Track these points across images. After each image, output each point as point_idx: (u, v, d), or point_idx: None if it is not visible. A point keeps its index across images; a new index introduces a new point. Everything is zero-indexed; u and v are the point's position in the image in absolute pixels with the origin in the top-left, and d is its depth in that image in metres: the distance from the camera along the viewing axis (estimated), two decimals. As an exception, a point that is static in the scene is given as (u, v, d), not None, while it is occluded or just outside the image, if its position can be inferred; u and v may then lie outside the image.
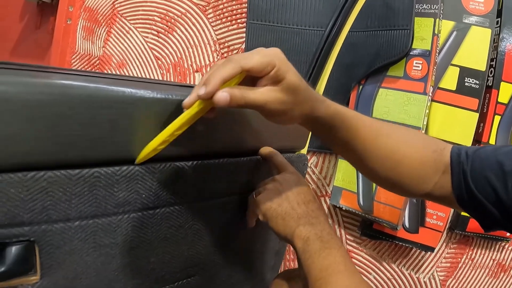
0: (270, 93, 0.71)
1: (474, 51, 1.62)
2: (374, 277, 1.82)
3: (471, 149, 0.87)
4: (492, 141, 1.65)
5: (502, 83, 1.63)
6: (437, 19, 1.54)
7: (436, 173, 0.90)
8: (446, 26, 1.62)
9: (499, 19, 1.61)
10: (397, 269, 1.80)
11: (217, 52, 2.01)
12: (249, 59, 0.68)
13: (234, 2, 1.96)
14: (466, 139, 1.56)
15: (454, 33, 1.62)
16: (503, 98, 1.63)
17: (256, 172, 1.01)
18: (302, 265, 0.83)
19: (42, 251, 0.66)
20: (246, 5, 1.87)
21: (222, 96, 0.66)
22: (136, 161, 0.74)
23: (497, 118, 1.65)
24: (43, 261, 0.66)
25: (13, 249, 0.63)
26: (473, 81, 1.59)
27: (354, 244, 1.86)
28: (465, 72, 1.60)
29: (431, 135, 1.58)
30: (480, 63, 1.60)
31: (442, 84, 1.58)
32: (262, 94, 0.70)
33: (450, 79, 1.60)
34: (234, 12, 1.97)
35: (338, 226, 1.85)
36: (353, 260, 1.82)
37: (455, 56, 1.61)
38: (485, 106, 1.64)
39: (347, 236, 1.86)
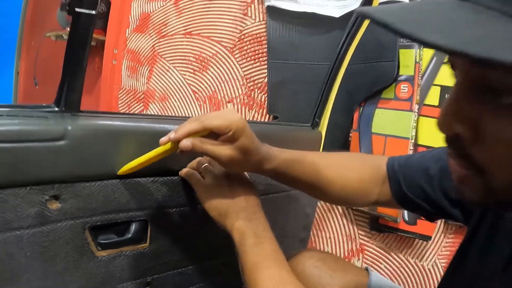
0: (224, 149, 0.88)
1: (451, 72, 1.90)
2: (385, 267, 2.08)
3: (402, 158, 1.02)
4: None
5: None
6: (418, 50, 1.87)
7: (376, 185, 1.06)
8: (428, 52, 1.91)
9: None
10: (404, 259, 2.03)
11: (244, 86, 2.38)
12: (211, 121, 0.86)
13: (256, 44, 2.32)
14: (450, 145, 1.88)
15: (435, 58, 1.91)
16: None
17: None
18: (239, 256, 0.93)
19: (152, 227, 1.04)
20: (266, 46, 2.23)
21: (186, 143, 0.85)
22: (118, 173, 0.94)
23: None
24: (152, 234, 1.04)
25: (135, 225, 1.01)
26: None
27: (365, 238, 2.15)
28: (445, 89, 1.89)
29: (420, 143, 1.89)
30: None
31: (426, 101, 1.88)
32: (218, 149, 0.88)
33: (433, 97, 1.88)
34: (257, 52, 2.33)
35: (351, 223, 2.16)
36: (366, 252, 2.11)
37: (436, 77, 1.91)
38: None
39: (359, 231, 2.15)
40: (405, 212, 1.92)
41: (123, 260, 1.00)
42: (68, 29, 2.49)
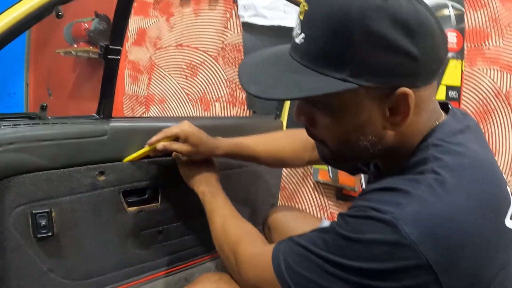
0: (183, 146, 1.30)
1: (453, 74, 2.20)
2: None
3: None
4: None
5: None
6: None
7: (306, 152, 1.48)
8: None
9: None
10: None
11: (228, 87, 2.84)
12: (170, 131, 1.29)
13: (235, 52, 2.77)
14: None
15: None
16: None
17: None
18: (204, 206, 1.30)
19: (162, 192, 1.48)
20: (243, 54, 2.68)
21: (159, 146, 1.28)
22: (123, 161, 1.34)
23: None
24: (162, 196, 1.48)
25: (148, 191, 1.45)
26: (454, 92, 2.21)
27: (334, 207, 2.54)
28: (449, 88, 2.21)
29: None
30: (456, 81, 2.20)
31: (438, 97, 2.11)
32: (179, 146, 1.30)
33: (440, 93, 2.18)
34: (236, 58, 2.78)
35: (321, 195, 2.58)
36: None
37: (442, 78, 2.23)
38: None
39: (328, 202, 2.56)
40: (363, 182, 2.26)
41: (143, 214, 1.43)
42: (75, 45, 2.90)
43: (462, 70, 2.18)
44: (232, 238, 1.13)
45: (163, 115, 3.25)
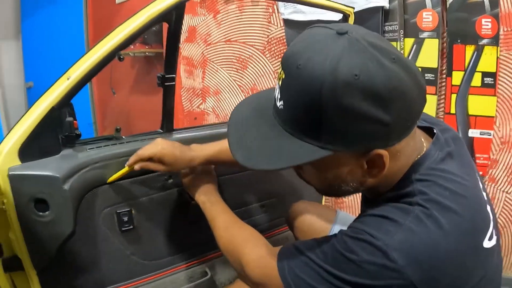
0: (158, 166, 1.37)
1: (429, 54, 2.28)
2: None
3: None
4: (453, 111, 2.30)
5: (453, 72, 2.28)
6: (398, 41, 2.32)
7: None
8: (409, 42, 2.31)
9: (446, 28, 2.27)
10: None
11: (276, 78, 2.87)
12: (143, 154, 1.35)
13: (280, 45, 2.96)
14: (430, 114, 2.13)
15: (415, 45, 2.32)
16: (455, 81, 2.29)
17: None
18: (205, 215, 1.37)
19: (220, 186, 1.67)
20: (287, 47, 2.84)
21: (136, 166, 1.37)
22: (107, 181, 1.43)
23: (454, 96, 2.30)
24: (220, 189, 1.66)
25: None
26: (430, 75, 2.30)
27: None
28: (424, 70, 2.29)
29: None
30: (433, 62, 2.28)
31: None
32: (154, 165, 1.37)
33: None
34: (282, 51, 2.94)
35: None
36: None
37: (417, 60, 2.31)
38: (443, 89, 2.35)
39: None
40: None
41: None
42: (132, 47, 3.15)
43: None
44: (237, 242, 1.21)
45: (219, 106, 3.49)
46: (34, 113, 1.28)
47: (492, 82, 2.22)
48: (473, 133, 2.32)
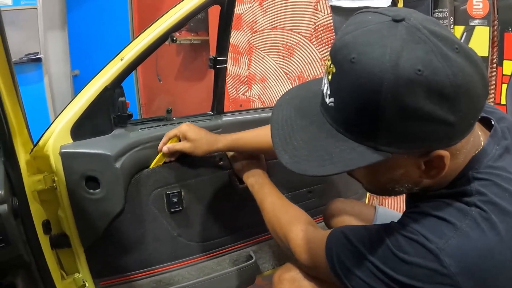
0: (183, 144, 1.41)
1: (479, 43, 2.20)
2: None
3: None
4: (503, 101, 2.22)
5: (504, 61, 2.19)
6: (449, 29, 2.24)
7: None
8: (459, 29, 2.28)
9: (497, 16, 2.18)
10: None
11: (323, 66, 2.98)
12: (169, 133, 1.42)
13: (327, 32, 2.93)
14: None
15: (465, 33, 2.26)
16: (506, 71, 2.19)
17: None
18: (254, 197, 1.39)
19: (269, 170, 1.65)
20: (335, 34, 2.83)
21: (165, 149, 1.41)
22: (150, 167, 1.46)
23: (504, 86, 2.20)
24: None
25: None
26: None
27: None
28: None
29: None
30: (483, 51, 2.19)
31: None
32: (181, 144, 1.41)
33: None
34: (329, 38, 2.92)
35: None
36: None
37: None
38: (493, 79, 2.25)
39: None
40: None
41: None
42: (178, 34, 3.18)
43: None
44: (285, 223, 1.20)
45: (264, 93, 3.48)
46: (88, 93, 1.31)
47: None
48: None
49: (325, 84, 0.79)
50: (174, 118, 1.55)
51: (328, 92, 0.77)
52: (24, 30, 4.41)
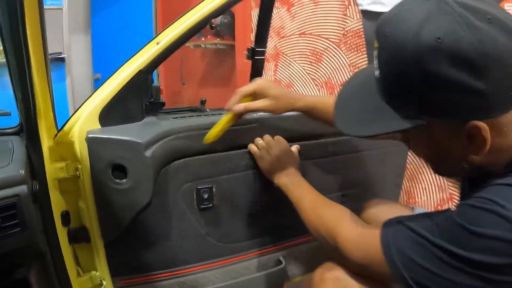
0: (261, 101, 1.30)
1: None
2: None
3: None
4: None
5: None
6: None
7: None
8: None
9: None
10: None
11: (351, 72, 2.94)
12: (244, 90, 1.30)
13: (357, 38, 2.87)
14: None
15: None
16: None
17: None
18: (289, 197, 1.33)
19: (304, 170, 1.56)
20: (364, 39, 2.77)
21: (239, 106, 1.27)
22: (204, 141, 1.30)
23: None
24: (303, 173, 1.64)
25: None
26: None
27: (453, 188, 2.19)
28: None
29: None
30: None
31: None
32: (257, 103, 1.30)
33: None
34: (358, 44, 2.86)
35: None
36: (454, 200, 2.18)
37: None
38: None
39: (448, 182, 2.35)
40: None
41: None
42: (203, 38, 3.18)
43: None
44: (329, 221, 1.14)
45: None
46: (120, 76, 1.24)
47: None
48: None
49: (375, 57, 0.84)
50: (207, 110, 1.47)
51: (376, 65, 0.83)
52: (49, 30, 4.31)
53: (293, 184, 1.35)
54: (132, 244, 1.37)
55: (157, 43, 1.25)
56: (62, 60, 4.46)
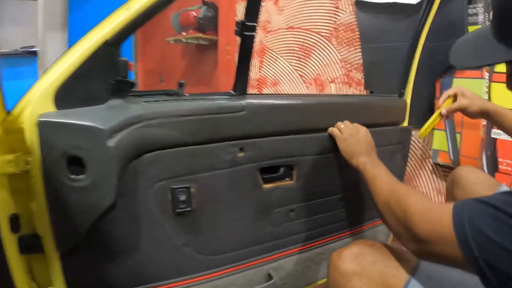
0: (460, 101, 1.52)
1: None
2: None
3: None
4: None
5: None
6: (484, 25, 2.10)
7: None
8: None
9: None
10: None
11: (343, 68, 2.79)
12: (448, 92, 1.56)
13: (349, 32, 2.72)
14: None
15: None
16: None
17: None
18: (363, 179, 1.32)
19: (297, 169, 1.45)
20: (358, 33, 2.63)
21: (443, 111, 1.53)
22: (420, 135, 1.58)
23: None
24: (297, 173, 1.43)
25: (283, 169, 1.42)
26: None
27: None
28: None
29: None
30: None
31: (497, 69, 2.11)
32: (456, 103, 1.52)
33: (502, 65, 2.10)
34: (350, 38, 2.72)
35: (440, 179, 2.45)
36: None
37: None
38: None
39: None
40: (485, 166, 2.20)
41: (278, 192, 1.42)
42: (184, 33, 3.00)
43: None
44: (400, 194, 1.10)
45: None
46: (81, 48, 1.00)
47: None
48: None
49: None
50: (186, 94, 1.24)
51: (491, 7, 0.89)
52: (24, 23, 4.41)
53: (373, 163, 1.34)
54: (93, 255, 1.12)
55: (127, 9, 1.02)
56: (35, 54, 4.35)
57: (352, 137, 1.46)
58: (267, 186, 1.34)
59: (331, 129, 1.51)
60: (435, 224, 0.91)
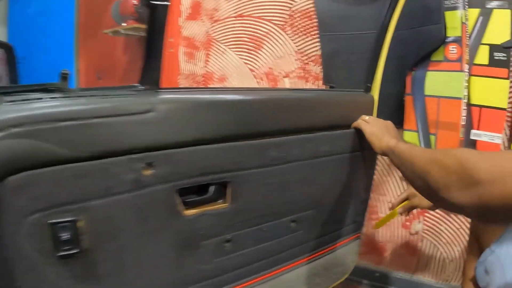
0: (411, 203, 1.66)
1: (498, 29, 1.92)
2: (445, 228, 2.16)
3: None
4: None
5: None
6: (463, 10, 1.92)
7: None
8: (473, 13, 1.95)
9: None
10: (464, 220, 2.11)
11: (299, 60, 2.52)
12: (401, 196, 1.70)
13: (306, 19, 2.45)
14: (501, 103, 1.92)
15: (480, 18, 1.95)
16: None
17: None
18: (394, 160, 1.28)
19: (232, 187, 1.16)
20: (316, 21, 2.36)
21: (400, 210, 1.68)
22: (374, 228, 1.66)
23: None
24: (231, 193, 1.16)
25: (212, 188, 1.14)
26: (500, 54, 1.93)
27: None
28: (493, 48, 1.93)
29: (472, 103, 1.96)
30: (503, 38, 1.89)
31: (476, 61, 1.93)
32: (409, 204, 1.68)
33: (482, 56, 1.93)
34: (307, 27, 2.46)
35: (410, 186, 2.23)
36: (426, 214, 2.18)
37: (483, 36, 1.95)
38: None
39: None
40: None
41: (206, 219, 1.13)
42: (124, 24, 2.67)
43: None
44: (447, 149, 1.01)
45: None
46: None
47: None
48: None
49: None
50: (73, 89, 0.90)
51: None
52: None
53: (404, 143, 1.28)
54: None
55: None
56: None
57: (380, 123, 1.49)
58: (190, 212, 1.06)
59: (355, 123, 1.52)
60: (496, 160, 0.86)
